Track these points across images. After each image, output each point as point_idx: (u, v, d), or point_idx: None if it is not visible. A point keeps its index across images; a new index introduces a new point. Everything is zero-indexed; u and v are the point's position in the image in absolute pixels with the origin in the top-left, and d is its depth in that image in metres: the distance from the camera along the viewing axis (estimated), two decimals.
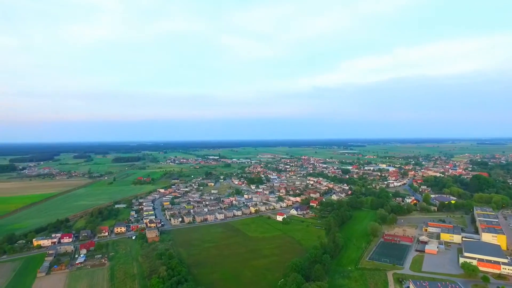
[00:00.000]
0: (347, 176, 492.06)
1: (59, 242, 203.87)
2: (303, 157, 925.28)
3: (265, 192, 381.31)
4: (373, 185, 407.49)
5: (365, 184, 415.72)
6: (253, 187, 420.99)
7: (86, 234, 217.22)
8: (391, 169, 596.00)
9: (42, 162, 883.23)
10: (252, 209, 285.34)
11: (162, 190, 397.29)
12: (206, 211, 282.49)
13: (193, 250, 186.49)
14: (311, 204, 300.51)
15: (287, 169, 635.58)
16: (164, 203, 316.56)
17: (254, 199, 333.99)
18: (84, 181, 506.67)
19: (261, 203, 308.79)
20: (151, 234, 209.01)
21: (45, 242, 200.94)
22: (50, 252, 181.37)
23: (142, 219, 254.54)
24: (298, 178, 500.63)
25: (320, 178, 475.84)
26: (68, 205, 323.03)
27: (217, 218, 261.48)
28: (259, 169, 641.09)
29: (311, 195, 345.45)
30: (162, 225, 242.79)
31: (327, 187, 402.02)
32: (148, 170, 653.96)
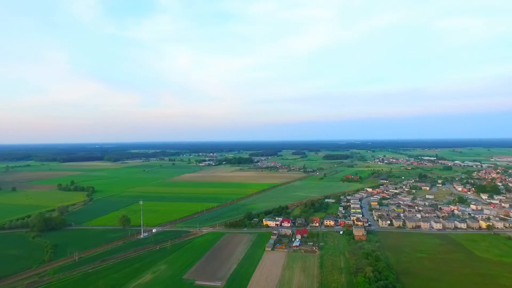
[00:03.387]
0: None
1: (280, 225, 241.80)
2: None
3: (502, 204, 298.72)
4: None
5: None
6: (484, 196, 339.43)
7: (300, 221, 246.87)
8: None
9: (269, 157, 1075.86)
10: (483, 224, 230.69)
11: (369, 190, 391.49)
12: (419, 217, 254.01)
13: (403, 257, 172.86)
14: None
15: None
16: (372, 203, 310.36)
17: (486, 211, 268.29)
18: (300, 175, 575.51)
19: (497, 218, 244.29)
20: (358, 232, 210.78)
21: (271, 223, 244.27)
22: (274, 232, 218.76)
23: (349, 216, 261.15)
24: None
25: None
26: (287, 195, 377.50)
27: (432, 227, 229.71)
28: (494, 175, 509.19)
29: None
30: (369, 225, 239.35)
31: None
32: (356, 169, 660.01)
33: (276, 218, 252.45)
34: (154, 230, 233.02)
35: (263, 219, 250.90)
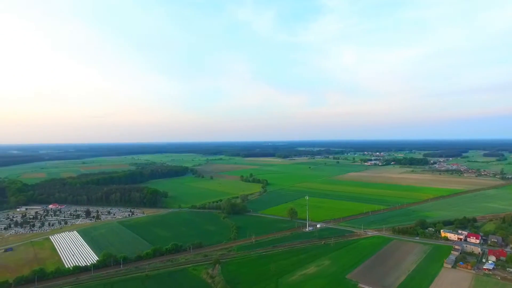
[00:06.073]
0: None
1: (465, 240, 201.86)
2: None
3: None
4: None
5: None
6: None
7: (495, 240, 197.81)
8: None
9: (450, 158, 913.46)
10: None
11: None
12: None
13: None
14: None
15: None
16: None
17: None
18: (495, 182, 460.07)
19: None
20: None
21: (452, 236, 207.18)
22: (456, 247, 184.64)
23: None
24: None
25: None
26: (475, 205, 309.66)
27: None
28: None
29: None
30: None
31: None
32: None
33: (459, 231, 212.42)
34: (318, 226, 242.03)
35: (441, 230, 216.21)
